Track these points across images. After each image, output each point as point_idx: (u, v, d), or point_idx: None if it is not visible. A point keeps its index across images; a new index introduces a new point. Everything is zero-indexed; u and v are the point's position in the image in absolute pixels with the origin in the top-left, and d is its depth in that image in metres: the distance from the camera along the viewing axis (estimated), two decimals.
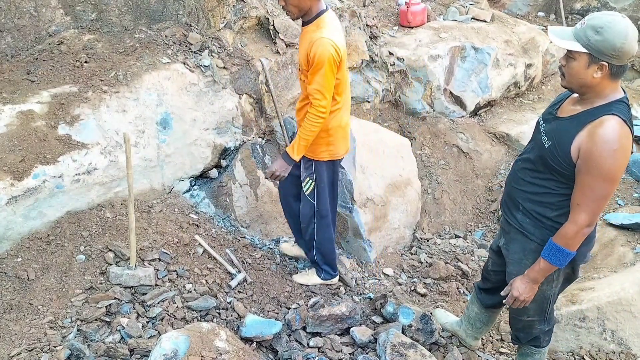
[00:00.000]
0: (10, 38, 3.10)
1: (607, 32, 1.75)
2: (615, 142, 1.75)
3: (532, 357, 2.44)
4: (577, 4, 6.61)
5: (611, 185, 1.81)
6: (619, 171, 1.79)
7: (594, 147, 1.77)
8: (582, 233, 1.88)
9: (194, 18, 3.64)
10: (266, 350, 2.58)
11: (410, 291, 3.40)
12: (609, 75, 1.81)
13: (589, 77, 1.82)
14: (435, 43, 4.96)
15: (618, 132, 1.76)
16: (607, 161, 1.76)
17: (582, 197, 1.84)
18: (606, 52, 1.76)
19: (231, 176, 3.56)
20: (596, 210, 1.84)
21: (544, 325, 2.34)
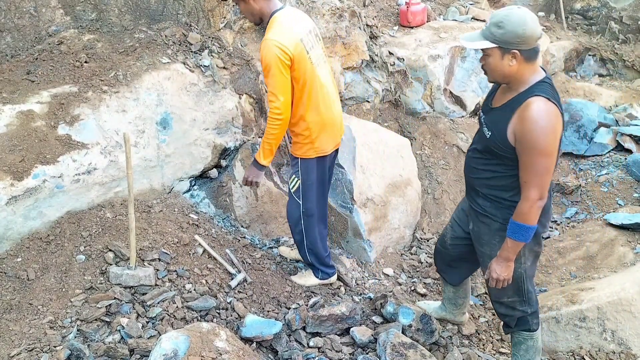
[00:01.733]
0: (10, 38, 3.10)
1: (508, 24, 1.95)
2: (542, 119, 1.94)
3: (526, 343, 2.46)
4: (577, 4, 6.61)
5: (548, 159, 1.99)
6: (552, 144, 1.98)
7: (524, 128, 1.97)
8: (537, 207, 2.04)
9: (194, 18, 3.64)
10: (266, 350, 2.58)
11: (410, 291, 3.40)
12: (523, 60, 2.00)
13: (506, 67, 2.01)
14: (435, 43, 4.96)
15: (543, 109, 1.95)
16: (539, 138, 1.94)
17: (527, 174, 2.03)
18: (512, 41, 1.96)
19: (231, 176, 3.56)
20: (542, 184, 2.02)
21: (526, 307, 2.39)
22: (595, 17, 6.50)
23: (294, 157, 2.84)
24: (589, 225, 3.85)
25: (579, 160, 4.72)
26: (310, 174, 2.84)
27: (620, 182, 4.22)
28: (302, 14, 2.76)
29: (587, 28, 6.55)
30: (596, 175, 4.43)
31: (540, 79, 2.04)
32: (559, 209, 4.27)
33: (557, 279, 3.48)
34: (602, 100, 5.34)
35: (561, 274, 3.52)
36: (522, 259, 2.28)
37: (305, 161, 2.81)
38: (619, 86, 5.89)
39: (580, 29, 6.55)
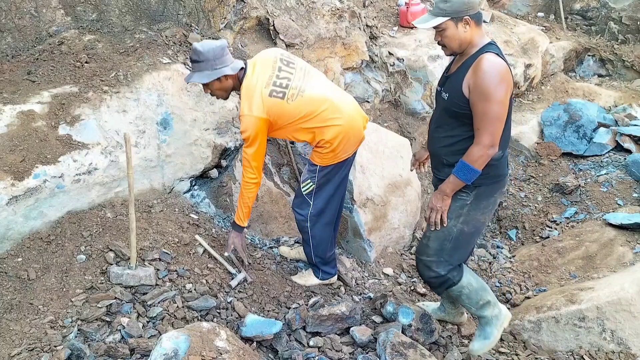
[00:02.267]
0: (10, 38, 3.11)
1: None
2: (492, 68, 2.13)
3: (461, 293, 2.53)
4: (577, 4, 6.62)
5: (499, 106, 2.14)
6: (502, 92, 2.13)
7: (477, 77, 2.15)
8: (486, 154, 2.19)
9: (194, 18, 3.64)
10: (266, 350, 2.58)
11: (410, 291, 3.41)
12: (474, 24, 2.22)
13: (462, 34, 2.23)
14: (435, 43, 4.97)
15: (493, 61, 2.14)
16: (490, 85, 2.12)
17: (479, 122, 2.18)
18: (462, 9, 2.18)
19: (231, 176, 3.56)
20: (494, 131, 2.17)
21: (441, 268, 2.45)
22: (594, 17, 6.51)
23: (313, 163, 2.81)
24: (588, 225, 3.86)
25: (579, 161, 4.73)
26: (329, 179, 2.83)
27: (619, 182, 4.22)
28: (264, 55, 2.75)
29: (587, 28, 6.56)
30: (595, 175, 4.44)
31: (487, 42, 2.25)
32: (558, 209, 4.28)
33: (556, 279, 3.49)
34: (602, 101, 5.35)
35: (561, 273, 3.53)
36: (461, 217, 2.38)
37: (324, 168, 2.78)
38: (618, 86, 5.90)
39: (579, 29, 6.56)
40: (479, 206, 2.38)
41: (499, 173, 2.37)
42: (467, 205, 2.36)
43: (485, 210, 2.41)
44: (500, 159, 2.34)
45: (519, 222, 4.33)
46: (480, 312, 2.58)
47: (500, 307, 2.63)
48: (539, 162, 4.79)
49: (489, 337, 2.59)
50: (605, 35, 6.41)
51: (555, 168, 4.69)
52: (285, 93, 2.62)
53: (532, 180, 4.64)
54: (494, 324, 2.59)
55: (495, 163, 2.31)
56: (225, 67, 2.60)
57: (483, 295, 2.55)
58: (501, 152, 2.32)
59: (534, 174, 4.69)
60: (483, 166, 2.23)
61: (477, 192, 2.35)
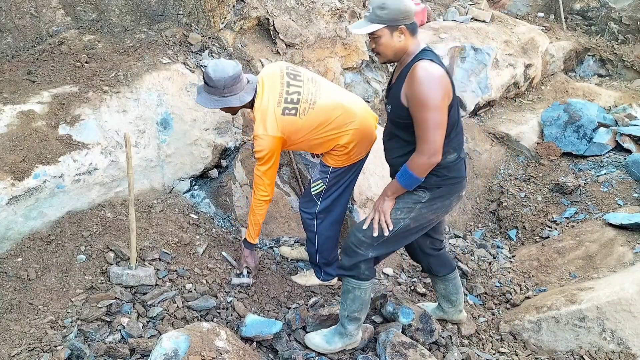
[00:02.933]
0: (10, 38, 3.11)
1: (390, 4, 2.14)
2: (426, 75, 2.08)
3: (353, 292, 2.49)
4: (577, 4, 6.62)
5: (437, 113, 2.10)
6: (438, 99, 2.09)
7: (411, 86, 2.12)
8: (428, 162, 2.17)
9: (194, 18, 3.65)
10: (266, 350, 2.58)
11: (410, 291, 3.41)
12: (409, 33, 2.19)
13: (397, 43, 2.20)
14: (434, 43, 4.97)
15: (426, 68, 2.10)
16: (424, 93, 2.08)
17: (419, 130, 2.15)
18: (398, 18, 2.15)
19: (231, 176, 3.57)
20: (434, 138, 2.12)
21: (369, 251, 2.41)
22: (594, 17, 6.51)
23: (326, 165, 2.82)
24: (588, 225, 3.86)
25: (579, 161, 4.73)
26: (340, 180, 2.85)
27: (619, 182, 4.22)
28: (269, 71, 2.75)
29: (587, 28, 6.56)
30: (595, 175, 4.44)
31: (422, 49, 2.23)
32: (558, 209, 4.28)
33: (556, 279, 3.49)
34: (602, 101, 5.34)
35: (560, 273, 3.53)
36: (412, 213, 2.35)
37: (337, 170, 2.80)
38: (618, 86, 5.89)
39: (579, 30, 6.57)
40: (433, 206, 2.36)
41: (455, 175, 2.35)
42: (421, 203, 2.34)
43: (438, 211, 2.40)
44: (455, 162, 2.32)
45: (519, 222, 4.33)
46: (345, 321, 2.57)
47: (359, 336, 2.65)
48: (539, 162, 4.79)
49: (331, 344, 2.60)
50: (605, 35, 6.41)
51: (555, 168, 4.68)
52: (297, 109, 2.63)
53: (532, 180, 4.64)
54: (344, 339, 2.60)
55: (451, 165, 2.30)
56: (233, 98, 2.59)
57: (361, 312, 2.54)
58: (456, 155, 2.31)
59: (534, 174, 4.69)
60: (425, 174, 2.22)
61: (433, 193, 2.33)
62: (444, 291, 2.88)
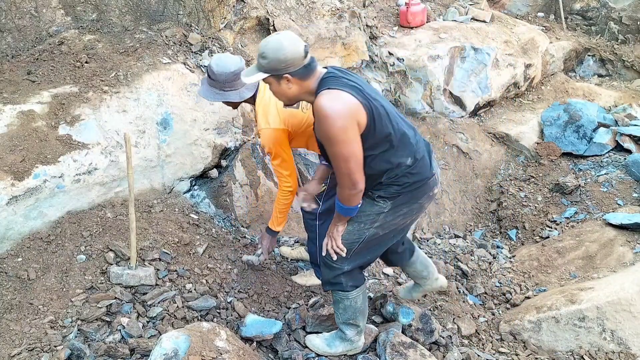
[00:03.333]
0: (10, 38, 3.11)
1: (269, 53, 2.01)
2: (324, 111, 1.97)
3: (343, 302, 2.48)
4: (577, 4, 6.62)
5: (344, 145, 2.01)
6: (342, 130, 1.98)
7: (316, 126, 2.07)
8: (350, 193, 2.12)
9: (194, 18, 3.65)
10: (266, 350, 2.58)
11: None
12: (298, 80, 2.06)
13: (286, 90, 2.09)
14: (435, 43, 4.97)
15: (323, 103, 1.98)
16: (325, 130, 2.00)
17: (334, 165, 2.10)
18: (279, 67, 2.02)
19: (231, 176, 3.56)
20: (348, 171, 2.05)
21: (344, 264, 2.38)
22: (594, 17, 6.51)
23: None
24: (588, 225, 3.86)
25: (579, 161, 4.73)
26: None
27: (619, 182, 4.22)
28: None
29: (587, 28, 6.56)
30: (595, 175, 4.44)
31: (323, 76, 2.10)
32: (558, 209, 4.28)
33: (556, 279, 3.49)
34: (602, 101, 5.34)
35: (561, 273, 3.53)
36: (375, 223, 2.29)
37: None
38: (618, 86, 5.89)
39: (579, 29, 6.56)
40: (398, 212, 2.28)
41: (418, 179, 2.23)
42: (384, 213, 2.26)
43: (407, 215, 2.32)
44: (414, 165, 2.20)
45: (519, 222, 4.33)
46: (343, 327, 2.55)
47: (361, 342, 2.59)
48: (539, 162, 4.79)
49: (332, 347, 2.57)
50: (605, 35, 6.41)
51: (555, 168, 4.68)
52: (300, 103, 2.63)
53: (532, 180, 4.64)
54: (345, 344, 2.57)
55: (410, 171, 2.20)
56: (233, 93, 2.60)
57: (358, 319, 2.52)
58: (412, 159, 2.19)
59: (534, 174, 4.69)
60: (355, 201, 2.16)
61: (395, 201, 2.24)
62: (415, 272, 2.80)
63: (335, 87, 2.03)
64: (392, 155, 2.13)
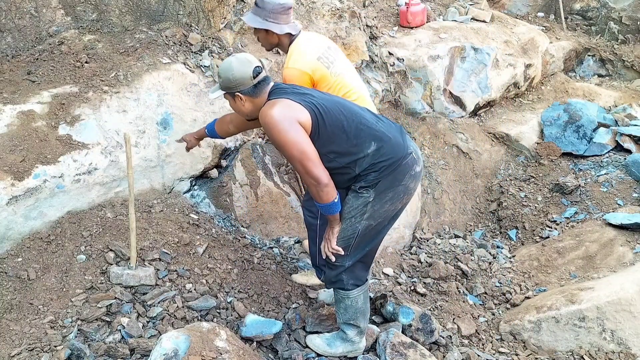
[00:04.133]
0: (10, 38, 3.11)
1: (222, 73, 2.22)
2: (264, 119, 2.13)
3: (344, 302, 2.49)
4: (577, 4, 6.62)
5: (292, 145, 2.11)
6: (285, 132, 2.10)
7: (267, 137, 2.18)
8: (319, 189, 2.18)
9: (194, 18, 3.65)
10: (266, 350, 2.58)
11: (410, 291, 3.41)
12: (250, 97, 2.23)
13: (241, 107, 2.28)
14: (435, 43, 4.97)
15: (263, 113, 2.16)
16: (272, 135, 2.13)
17: (293, 167, 2.25)
18: (231, 86, 2.22)
19: (231, 176, 3.56)
20: (305, 168, 2.14)
21: (345, 260, 2.39)
22: (594, 17, 6.51)
23: None
24: (588, 225, 3.86)
25: (579, 161, 4.73)
26: None
27: (619, 182, 4.22)
28: (316, 35, 2.93)
29: (587, 28, 6.56)
30: (595, 175, 4.44)
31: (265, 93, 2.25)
32: (558, 209, 4.28)
33: (556, 279, 3.49)
34: (602, 101, 5.34)
35: (561, 273, 3.53)
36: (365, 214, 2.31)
37: None
38: (618, 86, 5.89)
39: (579, 30, 6.56)
40: (384, 199, 2.28)
41: (391, 162, 2.23)
42: (370, 202, 2.27)
43: (395, 199, 2.31)
44: (380, 149, 2.21)
45: (519, 222, 4.33)
46: (344, 327, 2.55)
47: (362, 344, 2.59)
48: (539, 162, 4.79)
49: (332, 347, 2.57)
50: (605, 35, 6.40)
51: (555, 168, 4.68)
52: (329, 66, 2.74)
53: (532, 180, 4.64)
54: (345, 344, 2.57)
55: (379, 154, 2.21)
56: (275, 25, 2.68)
57: (358, 319, 2.52)
58: (376, 144, 2.21)
59: (534, 174, 4.69)
60: (330, 197, 2.20)
61: (377, 188, 2.25)
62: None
63: (275, 97, 2.19)
64: (353, 145, 2.19)
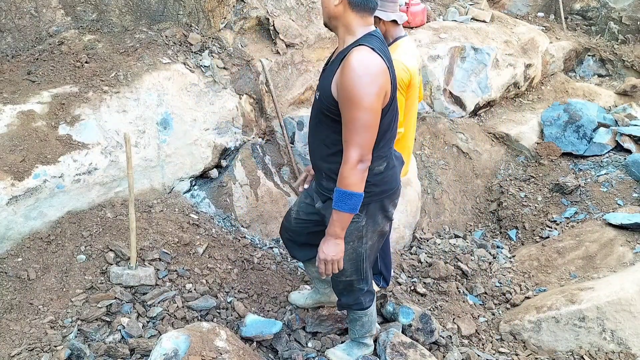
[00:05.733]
0: (10, 38, 3.11)
1: None
2: (361, 68, 1.76)
3: (361, 320, 2.46)
4: (577, 4, 6.62)
5: (367, 114, 1.78)
6: (370, 97, 1.77)
7: (343, 77, 1.78)
8: (359, 170, 1.84)
9: (194, 18, 3.64)
10: (266, 350, 2.58)
11: (410, 291, 3.41)
12: (348, 4, 1.84)
13: (331, 6, 1.86)
14: (435, 43, 4.97)
15: (363, 59, 1.77)
16: (355, 88, 1.75)
17: (347, 132, 1.82)
18: None
19: (231, 176, 3.56)
20: (362, 142, 1.81)
21: (363, 285, 2.31)
22: (594, 17, 6.51)
23: None
24: (588, 225, 3.86)
25: (579, 161, 4.73)
26: None
27: (619, 182, 4.22)
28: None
29: (587, 28, 6.56)
30: (595, 175, 4.44)
31: (368, 32, 1.88)
32: (558, 209, 4.28)
33: (556, 279, 3.49)
34: (602, 101, 5.35)
35: (560, 273, 3.53)
36: (363, 239, 2.13)
37: None
38: (618, 86, 5.90)
39: (579, 30, 6.56)
40: (377, 221, 2.11)
41: (386, 188, 2.06)
42: (364, 227, 2.08)
43: (384, 220, 2.16)
44: (386, 171, 2.03)
45: (519, 222, 4.33)
46: (362, 340, 2.54)
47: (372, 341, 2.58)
48: (539, 162, 4.79)
49: (352, 356, 2.54)
50: (605, 35, 6.41)
51: (555, 168, 4.68)
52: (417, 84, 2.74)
53: (532, 180, 4.64)
54: (362, 348, 2.56)
55: (381, 177, 2.01)
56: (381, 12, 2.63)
57: (372, 328, 2.52)
58: (385, 163, 2.01)
59: (534, 174, 4.69)
60: (362, 185, 1.87)
61: (368, 211, 2.05)
62: (316, 271, 2.63)
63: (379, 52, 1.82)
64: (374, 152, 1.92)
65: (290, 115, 3.85)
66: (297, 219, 2.46)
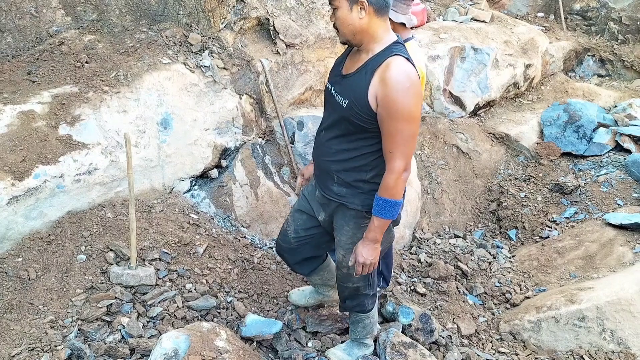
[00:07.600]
0: (11, 38, 3.11)
1: None
2: (406, 80, 1.78)
3: (363, 322, 2.47)
4: (577, 4, 6.62)
5: (414, 124, 1.83)
6: (417, 107, 1.81)
7: (388, 90, 1.78)
8: (402, 179, 1.89)
9: (194, 18, 3.65)
10: (266, 350, 2.59)
11: (409, 291, 3.41)
12: (374, 12, 1.82)
13: (356, 20, 1.82)
14: (434, 43, 4.97)
15: (406, 70, 1.79)
16: (404, 100, 1.78)
17: (392, 143, 1.85)
18: None
19: (231, 176, 3.57)
20: (407, 152, 1.86)
21: (369, 290, 2.34)
22: (594, 17, 6.51)
23: None
24: (588, 225, 3.86)
25: (578, 161, 4.73)
26: None
27: (619, 182, 4.22)
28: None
29: (587, 28, 6.56)
30: (595, 175, 4.44)
31: (394, 40, 1.88)
32: (558, 209, 4.28)
33: (556, 279, 3.49)
34: (601, 101, 5.35)
35: (560, 273, 3.53)
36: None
37: None
38: (618, 86, 5.90)
39: (579, 30, 6.57)
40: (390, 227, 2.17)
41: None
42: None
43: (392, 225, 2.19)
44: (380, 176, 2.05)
45: (519, 222, 4.33)
46: (363, 340, 2.56)
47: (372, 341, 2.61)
48: (538, 162, 4.79)
49: (352, 356, 2.55)
50: (605, 35, 6.41)
51: (555, 168, 4.69)
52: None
53: (532, 180, 4.64)
54: (362, 348, 2.57)
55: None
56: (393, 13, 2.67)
57: (373, 329, 2.54)
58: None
59: (534, 174, 4.69)
60: (402, 192, 1.94)
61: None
62: (321, 280, 2.68)
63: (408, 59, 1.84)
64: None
65: (290, 115, 3.85)
66: (297, 237, 2.43)
